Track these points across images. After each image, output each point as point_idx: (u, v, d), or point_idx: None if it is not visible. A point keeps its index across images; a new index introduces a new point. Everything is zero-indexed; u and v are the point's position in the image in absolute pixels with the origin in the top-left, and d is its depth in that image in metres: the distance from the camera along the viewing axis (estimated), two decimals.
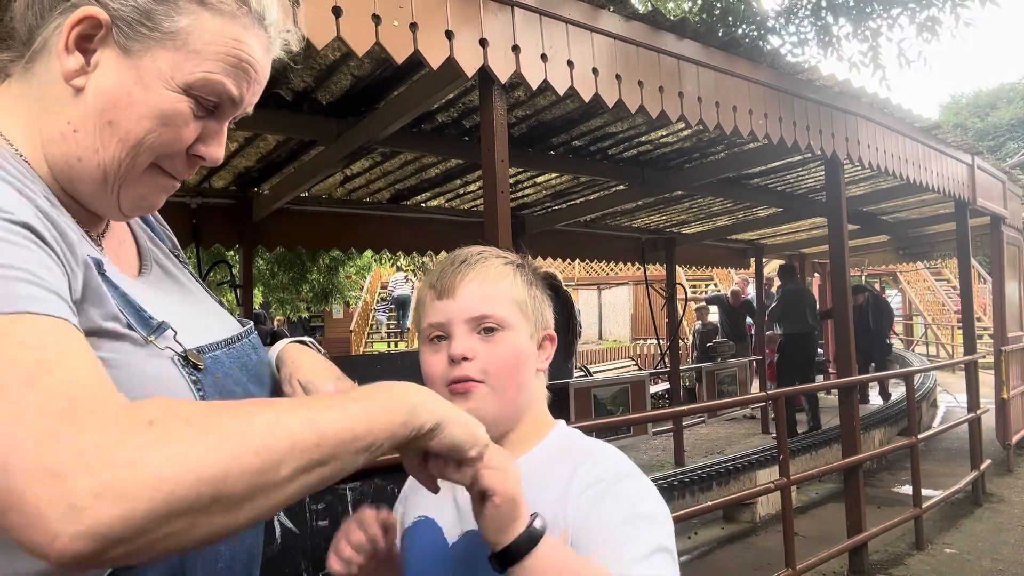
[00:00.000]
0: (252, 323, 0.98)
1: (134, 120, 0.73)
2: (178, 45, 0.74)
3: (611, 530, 0.82)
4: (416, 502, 1.04)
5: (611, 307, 24.28)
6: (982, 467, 5.80)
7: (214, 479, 0.53)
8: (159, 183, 0.79)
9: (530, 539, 0.76)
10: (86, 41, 0.73)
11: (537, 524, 0.77)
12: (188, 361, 0.76)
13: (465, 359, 0.92)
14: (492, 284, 0.96)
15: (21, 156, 0.74)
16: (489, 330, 0.94)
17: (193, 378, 0.76)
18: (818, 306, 9.06)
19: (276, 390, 0.96)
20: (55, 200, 0.73)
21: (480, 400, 0.92)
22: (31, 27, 0.75)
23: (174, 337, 0.76)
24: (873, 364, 9.89)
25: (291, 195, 4.83)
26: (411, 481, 1.07)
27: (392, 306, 20.01)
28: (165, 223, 1.02)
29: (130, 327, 0.72)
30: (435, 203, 6.15)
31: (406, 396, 0.70)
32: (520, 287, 0.98)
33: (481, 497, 0.76)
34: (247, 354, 0.90)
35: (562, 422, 1.04)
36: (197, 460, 0.52)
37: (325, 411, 0.63)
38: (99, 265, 0.72)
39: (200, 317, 0.88)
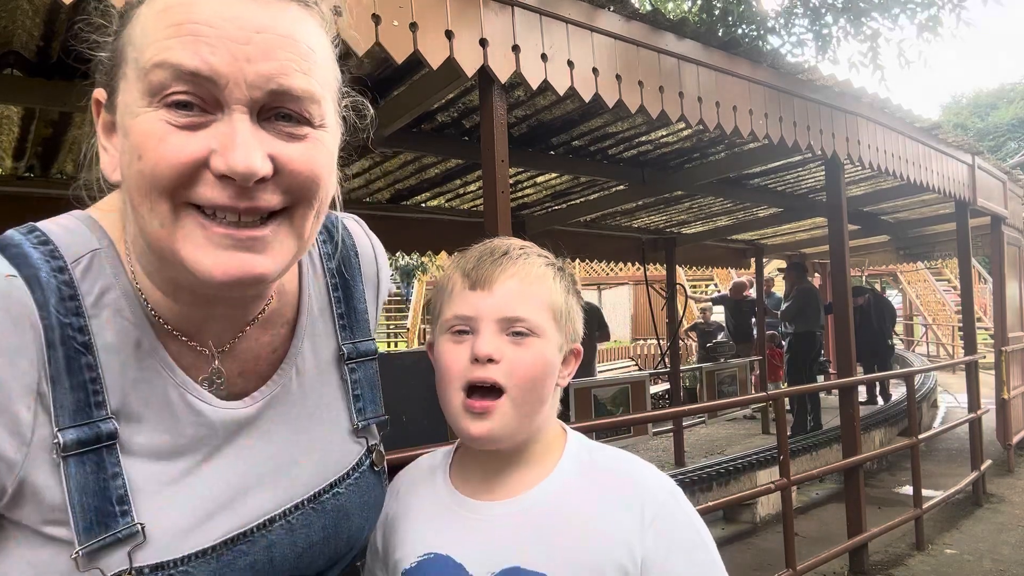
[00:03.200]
0: (331, 488, 0.84)
1: (128, 167, 0.63)
2: (131, 57, 0.63)
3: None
4: (419, 532, 0.91)
5: (611, 307, 24.23)
6: (982, 467, 5.80)
7: None
8: (205, 234, 0.63)
9: None
10: (108, 130, 0.70)
11: None
12: None
13: (491, 361, 0.85)
14: (532, 285, 0.89)
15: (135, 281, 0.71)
16: (519, 334, 0.87)
17: None
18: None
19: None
20: (131, 313, 0.70)
21: (499, 419, 0.86)
22: None
23: (129, 551, 0.64)
24: (875, 365, 9.86)
25: None
26: (404, 498, 0.96)
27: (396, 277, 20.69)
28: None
29: (74, 529, 0.63)
30: (435, 203, 6.14)
31: None
32: (558, 293, 0.92)
33: None
34: (251, 547, 0.75)
35: (573, 433, 0.98)
36: None
37: None
38: (110, 436, 0.65)
39: (265, 482, 0.77)
